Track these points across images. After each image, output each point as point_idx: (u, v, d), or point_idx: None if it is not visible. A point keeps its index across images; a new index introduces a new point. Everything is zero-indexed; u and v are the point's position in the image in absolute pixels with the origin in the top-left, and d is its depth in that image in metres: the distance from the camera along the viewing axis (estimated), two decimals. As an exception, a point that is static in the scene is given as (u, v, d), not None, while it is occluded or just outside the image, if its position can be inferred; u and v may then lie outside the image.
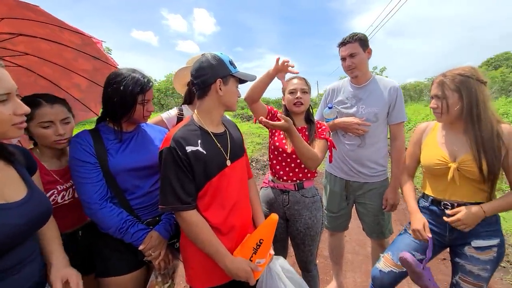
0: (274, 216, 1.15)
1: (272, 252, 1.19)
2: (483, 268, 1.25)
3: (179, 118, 1.73)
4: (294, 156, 1.54)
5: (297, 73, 1.46)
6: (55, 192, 1.18)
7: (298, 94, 1.56)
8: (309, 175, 1.59)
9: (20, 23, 1.24)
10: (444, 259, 2.55)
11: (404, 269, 1.40)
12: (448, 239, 1.35)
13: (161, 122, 1.70)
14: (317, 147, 1.48)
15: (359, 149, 1.85)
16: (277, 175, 1.60)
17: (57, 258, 0.92)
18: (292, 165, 1.57)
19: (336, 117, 1.92)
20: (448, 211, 1.29)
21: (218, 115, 1.18)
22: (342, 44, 1.80)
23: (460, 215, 1.22)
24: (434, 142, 1.39)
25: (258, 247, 1.10)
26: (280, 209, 1.60)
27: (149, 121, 1.68)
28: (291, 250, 1.77)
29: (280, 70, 1.41)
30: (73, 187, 1.23)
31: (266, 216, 1.60)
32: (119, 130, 1.22)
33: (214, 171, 1.09)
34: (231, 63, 1.14)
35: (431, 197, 1.39)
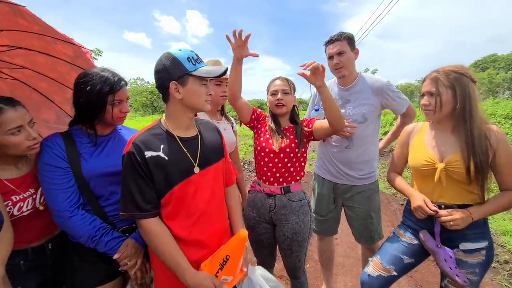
0: (243, 233, 1.09)
1: (244, 269, 1.12)
2: (471, 271, 1.22)
3: None
4: (282, 155, 1.50)
5: (256, 55, 1.39)
6: (10, 204, 1.05)
7: (279, 95, 1.53)
8: (297, 177, 1.55)
9: (18, 35, 1.22)
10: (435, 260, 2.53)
11: (393, 273, 1.37)
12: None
13: None
14: (321, 122, 1.52)
15: (346, 151, 1.80)
16: (263, 178, 1.55)
17: None
18: (280, 165, 1.51)
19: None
20: (441, 211, 1.23)
21: (187, 118, 1.09)
22: (330, 42, 1.74)
23: (458, 215, 1.18)
24: (422, 143, 1.36)
25: (224, 263, 1.04)
26: (267, 213, 1.54)
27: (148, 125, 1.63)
28: (279, 255, 1.72)
29: (239, 45, 1.34)
30: (34, 196, 1.12)
31: (255, 221, 1.58)
32: (92, 132, 1.15)
33: (177, 179, 1.01)
34: (191, 59, 1.01)
35: (419, 199, 1.35)
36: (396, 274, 1.37)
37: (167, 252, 0.98)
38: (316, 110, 1.87)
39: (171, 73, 1.00)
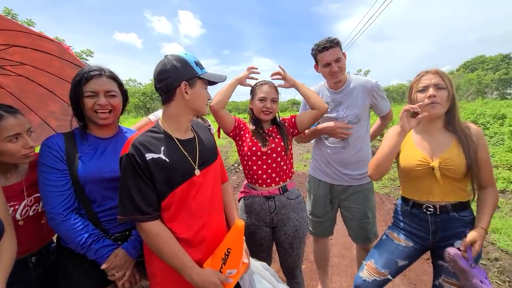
0: (240, 223, 1.08)
1: (246, 260, 1.12)
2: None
3: None
4: (274, 155, 1.53)
5: (256, 79, 1.64)
6: None
7: (268, 103, 1.56)
8: (290, 174, 1.60)
9: (8, 34, 1.23)
10: (428, 259, 2.57)
11: (388, 277, 1.38)
12: (431, 242, 1.34)
13: (149, 124, 1.62)
14: (302, 113, 1.67)
15: (343, 151, 1.83)
16: (259, 181, 1.55)
17: None
18: (274, 165, 1.54)
19: (318, 123, 1.90)
20: (462, 247, 1.19)
21: (187, 120, 1.10)
22: (325, 49, 1.72)
23: (479, 244, 1.18)
24: (411, 144, 1.38)
25: (226, 257, 1.03)
26: (267, 216, 1.55)
27: (136, 125, 1.60)
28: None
29: (247, 77, 1.60)
30: (16, 207, 1.07)
31: (254, 227, 1.57)
32: (84, 133, 1.14)
33: (179, 181, 1.01)
34: (197, 63, 1.06)
35: (412, 201, 1.38)
36: (391, 277, 1.39)
37: (170, 252, 0.97)
38: None
39: (182, 73, 1.01)
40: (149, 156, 0.96)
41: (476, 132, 1.28)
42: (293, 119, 1.65)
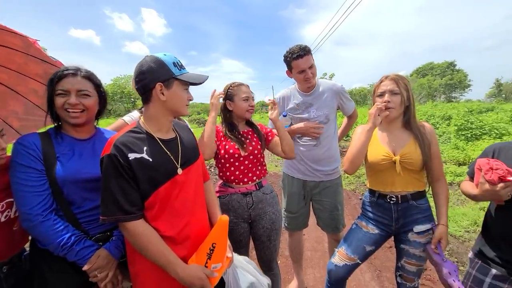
0: (224, 218, 1.11)
1: (229, 255, 1.15)
2: (424, 250, 1.42)
3: None
4: (251, 157, 1.59)
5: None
6: None
7: (252, 102, 1.64)
8: (264, 172, 1.68)
9: None
10: (391, 247, 2.81)
11: (357, 261, 1.50)
12: (394, 228, 1.49)
13: (124, 126, 1.55)
14: (278, 141, 1.67)
15: (315, 149, 1.95)
16: (236, 181, 1.59)
17: None
18: (250, 166, 1.60)
19: (291, 124, 2.01)
20: (432, 245, 1.38)
21: (167, 121, 1.10)
22: (300, 56, 1.81)
23: (444, 239, 1.38)
24: (376, 141, 1.53)
25: (211, 251, 1.06)
26: (245, 212, 1.59)
27: (110, 126, 1.55)
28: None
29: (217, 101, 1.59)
30: None
31: (233, 224, 1.59)
32: (59, 133, 1.10)
33: (162, 180, 1.02)
34: (176, 64, 1.05)
35: (378, 192, 1.52)
36: (360, 262, 1.52)
37: (156, 250, 0.96)
38: (284, 116, 1.98)
39: (157, 74, 1.00)
40: (131, 156, 0.96)
41: (429, 130, 1.46)
42: (270, 137, 1.71)
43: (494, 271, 1.26)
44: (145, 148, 1.00)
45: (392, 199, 1.46)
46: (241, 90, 1.62)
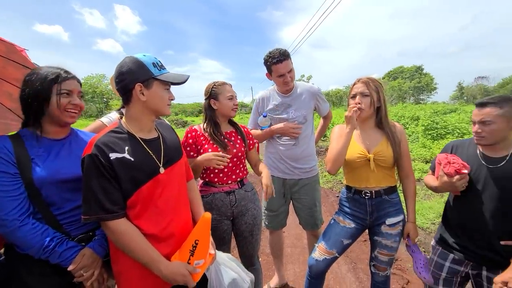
0: (207, 215, 1.13)
1: (212, 252, 1.18)
2: (394, 240, 1.53)
3: None
4: (235, 159, 1.62)
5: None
6: None
7: (235, 100, 1.68)
8: (246, 170, 1.73)
9: None
10: (365, 240, 2.97)
11: (335, 255, 1.58)
12: (369, 221, 1.59)
13: (102, 127, 1.51)
14: (255, 155, 1.79)
15: (294, 148, 2.02)
16: (219, 181, 1.62)
17: None
18: (234, 167, 1.64)
19: (271, 124, 2.06)
20: (405, 240, 1.57)
21: (149, 121, 1.11)
22: (279, 61, 1.86)
23: (412, 234, 1.54)
24: (352, 140, 1.61)
25: (194, 248, 1.08)
26: (228, 210, 1.62)
27: (88, 127, 1.51)
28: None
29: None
30: None
31: (216, 221, 1.61)
32: (39, 133, 1.06)
33: (144, 179, 1.03)
34: (156, 64, 1.06)
35: (354, 188, 1.61)
36: (338, 255, 1.60)
37: (139, 248, 0.97)
38: (264, 116, 2.03)
39: (137, 75, 1.01)
40: (113, 156, 0.96)
41: (399, 130, 1.58)
42: (250, 145, 1.75)
43: (452, 256, 1.41)
44: (126, 148, 1.00)
45: (367, 194, 1.56)
46: (225, 89, 1.65)
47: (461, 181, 1.28)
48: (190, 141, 1.61)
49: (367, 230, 1.67)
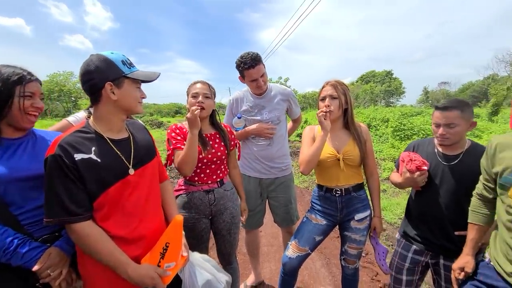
0: (179, 218, 1.13)
1: (185, 254, 1.16)
2: (362, 235, 1.63)
3: None
4: (215, 159, 1.61)
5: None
6: None
7: (200, 98, 1.57)
8: (226, 170, 1.73)
9: None
10: (338, 237, 3.09)
11: (308, 252, 1.64)
12: (339, 218, 1.67)
13: (68, 127, 1.44)
14: (233, 158, 1.82)
15: (268, 148, 2.07)
16: (199, 181, 1.61)
17: None
18: (213, 166, 1.63)
19: (245, 125, 2.09)
20: (371, 233, 1.69)
21: (119, 120, 1.08)
22: (251, 67, 1.88)
23: (378, 227, 1.66)
24: None
25: (165, 251, 1.07)
26: (207, 208, 1.62)
27: (53, 127, 1.44)
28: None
29: (194, 114, 1.47)
30: None
31: (195, 220, 1.59)
32: None
33: (111, 181, 1.00)
34: (125, 62, 1.04)
35: (325, 187, 1.68)
36: (310, 251, 1.66)
37: (105, 251, 0.94)
38: (239, 118, 2.05)
39: (106, 74, 0.98)
40: (78, 156, 0.93)
41: (364, 130, 1.68)
42: (232, 146, 1.74)
43: (414, 247, 1.52)
44: (93, 148, 0.97)
45: (337, 192, 1.64)
46: (193, 88, 1.61)
47: (421, 177, 1.39)
48: (179, 138, 1.56)
49: (337, 226, 1.75)
